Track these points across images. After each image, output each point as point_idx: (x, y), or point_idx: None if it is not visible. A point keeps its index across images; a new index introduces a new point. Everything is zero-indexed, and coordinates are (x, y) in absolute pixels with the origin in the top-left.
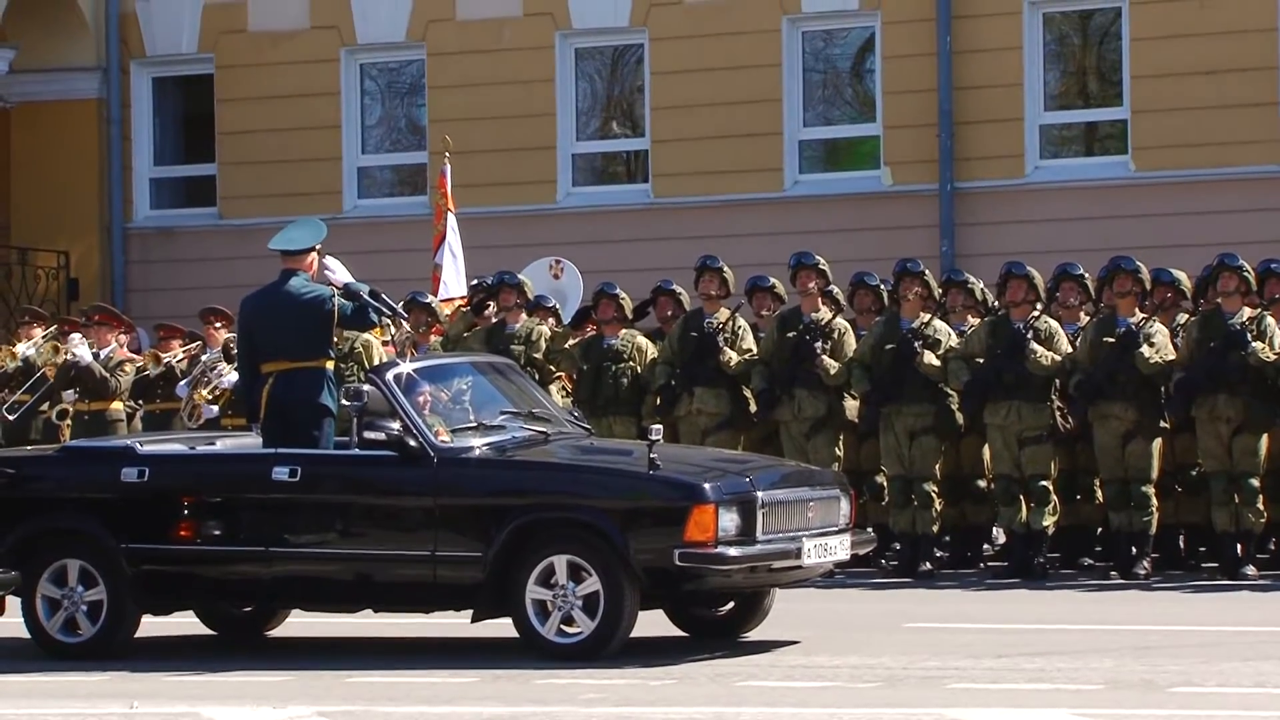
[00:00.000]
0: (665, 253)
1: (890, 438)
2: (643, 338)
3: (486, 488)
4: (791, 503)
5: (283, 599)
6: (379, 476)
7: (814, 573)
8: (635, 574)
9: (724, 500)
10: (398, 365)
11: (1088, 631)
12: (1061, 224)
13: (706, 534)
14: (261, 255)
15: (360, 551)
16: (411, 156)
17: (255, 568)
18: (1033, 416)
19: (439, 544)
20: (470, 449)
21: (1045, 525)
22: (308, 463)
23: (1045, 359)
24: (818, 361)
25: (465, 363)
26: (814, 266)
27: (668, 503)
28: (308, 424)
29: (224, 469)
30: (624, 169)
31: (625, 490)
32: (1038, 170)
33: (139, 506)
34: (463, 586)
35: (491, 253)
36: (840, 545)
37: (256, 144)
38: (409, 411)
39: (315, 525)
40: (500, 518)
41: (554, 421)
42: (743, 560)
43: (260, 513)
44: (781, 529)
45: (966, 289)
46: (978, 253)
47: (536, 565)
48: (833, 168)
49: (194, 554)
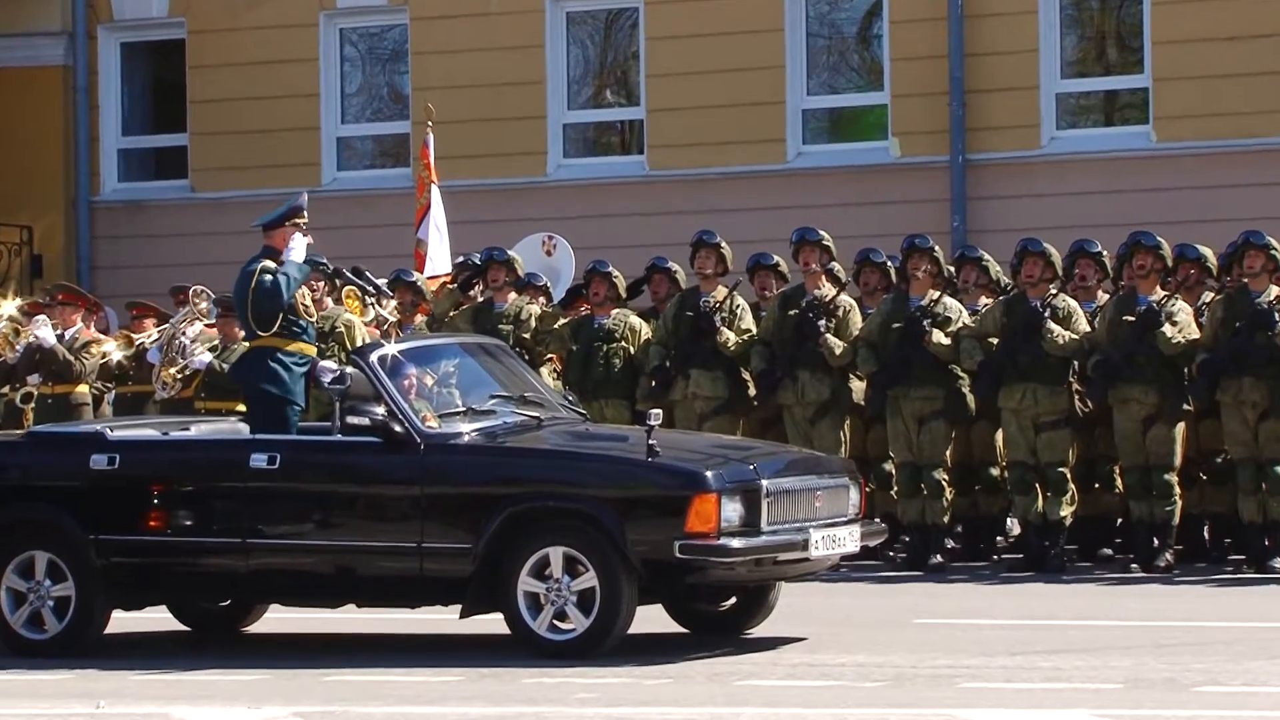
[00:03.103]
0: (660, 228)
1: (898, 423)
2: (636, 317)
3: (476, 476)
4: (798, 492)
5: (260, 593)
6: (362, 464)
7: (821, 566)
8: (633, 567)
9: (727, 489)
10: (382, 346)
11: (1107, 627)
12: (1079, 198)
13: (708, 525)
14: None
15: (342, 543)
16: (393, 126)
17: (231, 560)
18: (1049, 400)
19: (426, 535)
20: (459, 435)
21: (1062, 515)
22: (287, 449)
23: (1062, 339)
24: (822, 341)
25: (453, 344)
26: (818, 243)
27: (667, 492)
28: (249, 409)
29: (199, 456)
30: (618, 140)
31: (622, 478)
32: (1054, 141)
33: (109, 495)
34: (451, 580)
35: (478, 228)
36: (849, 537)
37: (230, 113)
38: (394, 395)
39: (295, 515)
40: (490, 507)
41: (547, 406)
42: (746, 552)
43: (237, 502)
44: (787, 519)
45: (980, 266)
46: (991, 228)
47: (529, 558)
48: (838, 138)
49: (167, 545)
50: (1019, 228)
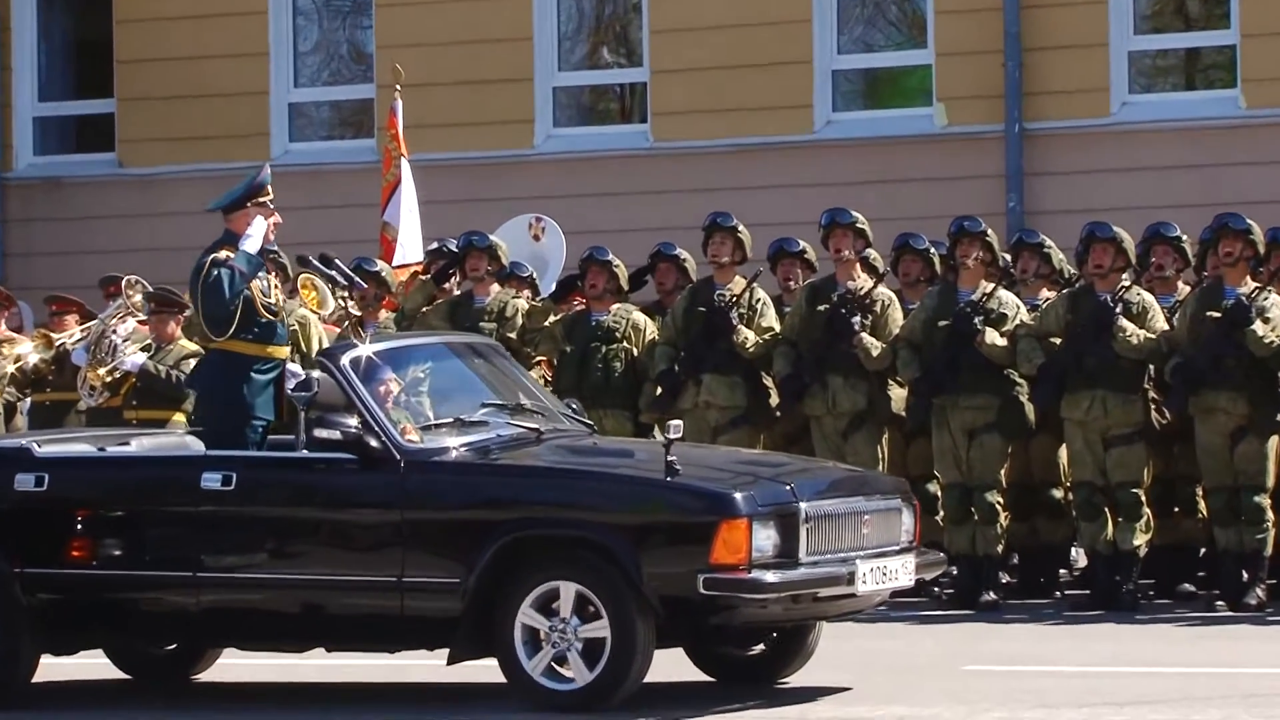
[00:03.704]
0: (668, 208)
1: (945, 436)
2: (639, 313)
3: (465, 498)
4: (842, 516)
5: (213, 635)
6: (333, 484)
7: (869, 603)
8: (649, 605)
9: (759, 513)
10: (355, 347)
11: (1189, 676)
12: (1155, 173)
13: (738, 555)
14: (171, 211)
15: (309, 577)
16: (355, 90)
17: (180, 596)
18: (1121, 410)
19: (407, 567)
20: (445, 450)
21: (1136, 545)
22: (245, 468)
23: (1136, 339)
24: (856, 341)
25: (438, 343)
26: (851, 226)
27: (690, 516)
28: (204, 422)
29: (142, 475)
30: (616, 106)
31: (637, 501)
32: (1126, 107)
33: (36, 522)
34: (436, 620)
35: (455, 208)
36: (902, 569)
37: (164, 75)
38: (370, 404)
39: (254, 544)
40: (483, 535)
41: (548, 416)
42: (782, 587)
43: (187, 529)
44: (830, 549)
45: (1040, 253)
46: (1053, 209)
47: (527, 594)
48: (874, 104)
49: (104, 580)
50: (1085, 209)
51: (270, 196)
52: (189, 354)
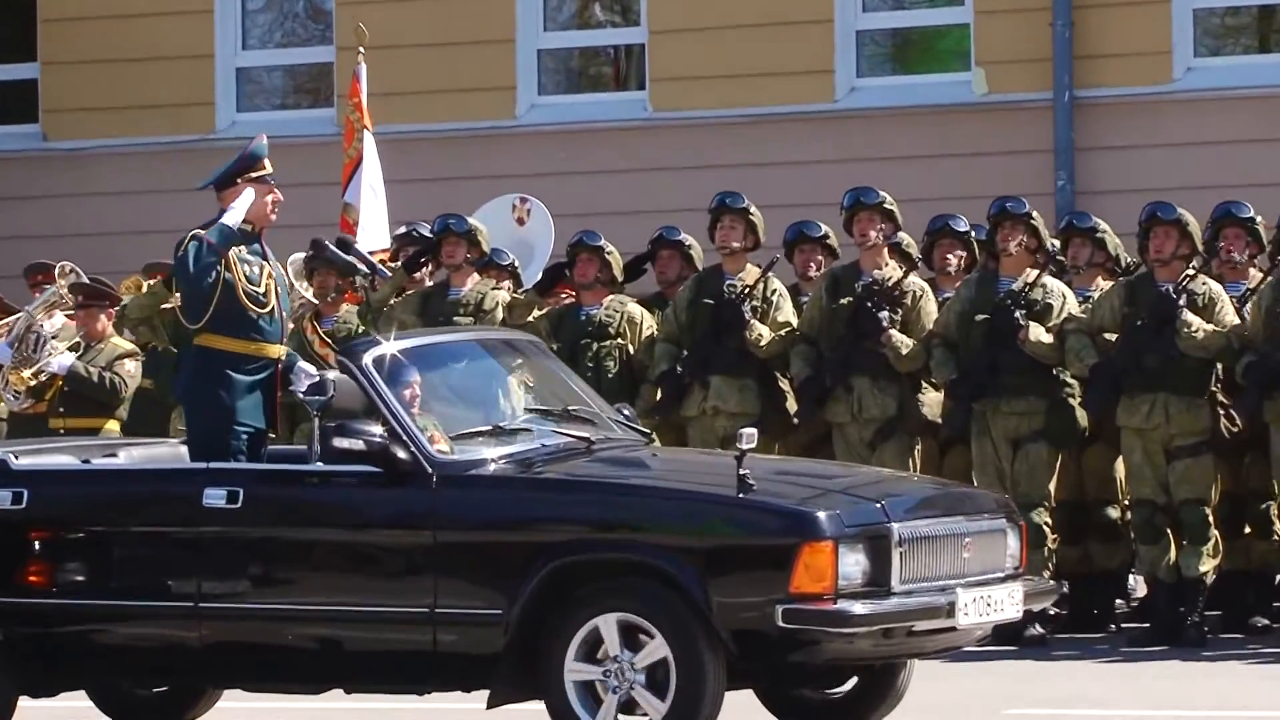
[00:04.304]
0: (669, 187)
1: (986, 446)
2: (636, 306)
3: (508, 517)
4: (941, 538)
5: (216, 674)
6: (355, 502)
7: (969, 638)
8: (719, 641)
9: (846, 535)
10: (378, 344)
11: None
12: (1225, 147)
13: (822, 583)
14: (104, 191)
15: (327, 607)
16: (312, 53)
17: (179, 631)
18: (1185, 417)
19: (440, 597)
20: (482, 462)
21: (1202, 571)
22: (253, 483)
23: (1202, 334)
24: (884, 338)
25: (470, 340)
26: (878, 207)
27: (767, 539)
28: (186, 430)
29: (134, 491)
30: (610, 71)
31: (705, 521)
32: (1191, 73)
33: (12, 544)
34: (473, 658)
35: (427, 188)
36: (1009, 598)
37: (94, 37)
38: (397, 410)
39: (263, 570)
40: (528, 560)
41: (599, 423)
42: (873, 620)
43: (186, 553)
44: (926, 576)
45: (1093, 238)
46: (1107, 188)
47: (579, 628)
48: (904, 69)
49: (89, 611)
50: (1145, 187)
51: (268, 171)
52: (122, 353)
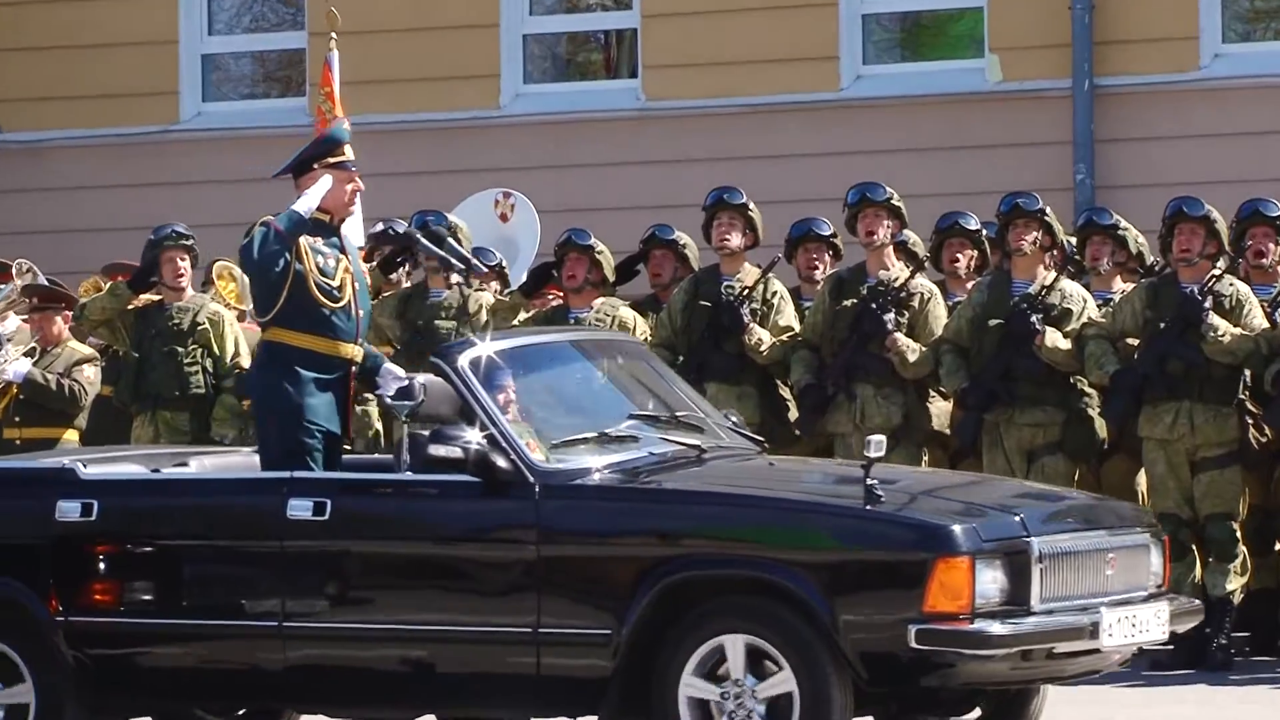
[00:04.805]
0: (662, 182)
1: (998, 459)
2: (628, 309)
3: (617, 530)
4: (1083, 554)
5: (300, 698)
6: (451, 514)
7: (1109, 661)
8: (846, 663)
9: (984, 550)
10: (473, 345)
11: None
12: (1254, 139)
13: (958, 601)
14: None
15: (420, 627)
16: (283, 39)
17: (262, 652)
18: (1211, 426)
19: (544, 616)
20: (587, 472)
21: (1229, 589)
22: (341, 493)
23: (1229, 339)
24: (890, 342)
25: (566, 342)
26: (884, 204)
27: (898, 554)
28: (257, 432)
29: (211, 503)
30: (601, 58)
31: (830, 535)
32: (1218, 60)
33: (83, 559)
34: (580, 681)
35: (405, 182)
36: (1155, 618)
37: (48, 23)
38: (496, 416)
39: (351, 588)
40: (639, 576)
41: (708, 430)
42: (1012, 641)
43: (268, 569)
44: (1068, 594)
45: (1114, 236)
46: (1129, 182)
47: (700, 644)
48: (913, 56)
49: (166, 631)
50: (1169, 182)
51: (348, 157)
52: (81, 359)
